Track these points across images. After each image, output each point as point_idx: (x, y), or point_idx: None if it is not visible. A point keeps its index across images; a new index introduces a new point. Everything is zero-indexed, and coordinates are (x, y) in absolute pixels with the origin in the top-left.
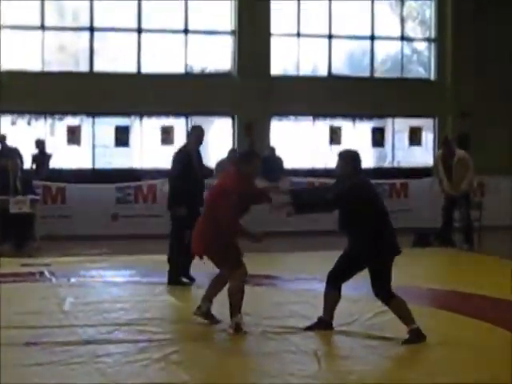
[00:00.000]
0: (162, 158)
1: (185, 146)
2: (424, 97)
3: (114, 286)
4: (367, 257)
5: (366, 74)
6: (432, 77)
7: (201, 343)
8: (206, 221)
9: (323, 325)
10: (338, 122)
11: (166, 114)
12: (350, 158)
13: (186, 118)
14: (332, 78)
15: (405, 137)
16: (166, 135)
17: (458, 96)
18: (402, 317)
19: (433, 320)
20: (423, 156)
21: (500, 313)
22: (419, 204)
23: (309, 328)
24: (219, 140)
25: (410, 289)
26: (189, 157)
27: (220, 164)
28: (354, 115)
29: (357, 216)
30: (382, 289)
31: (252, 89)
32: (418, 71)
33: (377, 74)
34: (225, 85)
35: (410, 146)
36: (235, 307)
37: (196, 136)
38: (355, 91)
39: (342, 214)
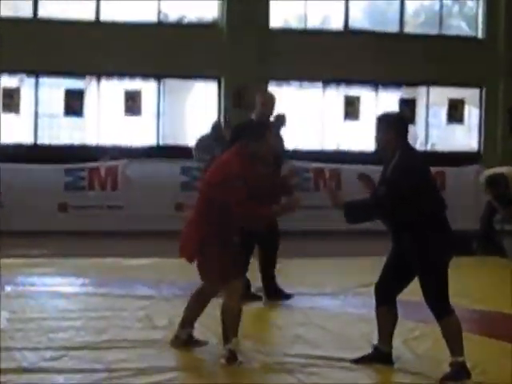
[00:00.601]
0: (125, 131)
1: (250, 121)
2: (468, 60)
3: (62, 298)
4: (420, 257)
5: (394, 28)
6: (479, 34)
7: (179, 375)
8: (198, 216)
9: (380, 356)
10: (355, 91)
11: (132, 74)
12: (392, 122)
13: (158, 80)
14: (349, 34)
15: (442, 112)
16: (132, 102)
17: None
18: (451, 342)
19: (476, 349)
20: (465, 137)
21: None
22: (459, 199)
23: (360, 360)
24: (200, 110)
25: None
26: None
27: (201, 141)
28: (377, 82)
29: (408, 203)
30: (439, 300)
31: (244, 45)
32: (460, 27)
33: (407, 30)
34: (209, 39)
35: (449, 124)
36: (230, 330)
37: (264, 105)
38: (379, 51)
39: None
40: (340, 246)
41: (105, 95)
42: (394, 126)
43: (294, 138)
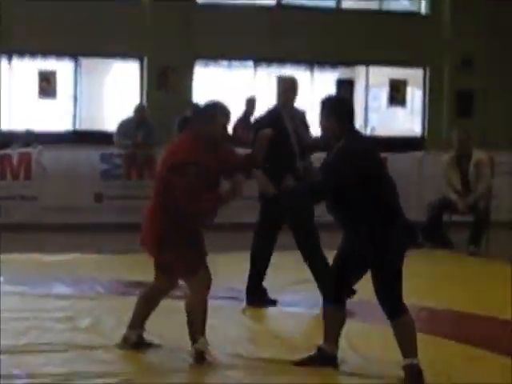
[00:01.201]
0: (39, 115)
1: (274, 107)
2: (410, 38)
3: None
4: (372, 252)
5: (330, 3)
6: (422, 10)
7: (105, 381)
8: (156, 204)
9: (324, 358)
10: (289, 71)
11: (46, 53)
12: (334, 107)
13: (75, 60)
14: (281, 8)
15: (383, 94)
16: (46, 84)
17: (458, 38)
18: (403, 344)
19: (425, 349)
20: (408, 121)
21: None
22: (403, 188)
23: (302, 362)
24: (121, 93)
25: None
26: (278, 119)
27: (122, 126)
28: (312, 62)
29: (353, 193)
30: (392, 298)
31: (168, 21)
32: (402, 2)
33: (345, 5)
34: (130, 13)
35: (390, 107)
36: (197, 329)
37: (285, 89)
38: (314, 28)
39: (339, 193)
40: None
41: (16, 76)
42: (336, 111)
43: None
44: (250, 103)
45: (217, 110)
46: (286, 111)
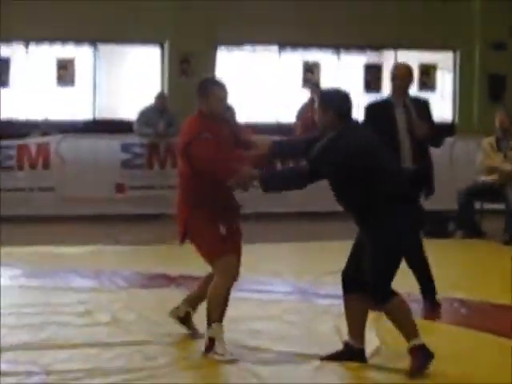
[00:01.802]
0: (57, 104)
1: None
2: (440, 20)
3: None
4: (372, 237)
5: None
6: None
7: (127, 377)
8: (181, 192)
9: (351, 353)
10: (315, 55)
11: (64, 40)
12: (330, 101)
13: (94, 46)
14: None
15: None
16: (64, 71)
17: (490, 20)
18: (402, 326)
19: (454, 341)
20: (438, 106)
21: None
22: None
23: (329, 357)
24: (141, 80)
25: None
26: (386, 108)
27: (143, 114)
28: (339, 46)
29: (348, 184)
30: (383, 283)
31: (190, 5)
32: None
33: None
34: None
35: (420, 91)
36: (213, 313)
37: (395, 76)
38: (340, 11)
39: (333, 183)
40: (299, 229)
41: (34, 63)
42: (332, 107)
43: (246, 108)
44: (314, 89)
45: (210, 84)
46: (398, 101)
